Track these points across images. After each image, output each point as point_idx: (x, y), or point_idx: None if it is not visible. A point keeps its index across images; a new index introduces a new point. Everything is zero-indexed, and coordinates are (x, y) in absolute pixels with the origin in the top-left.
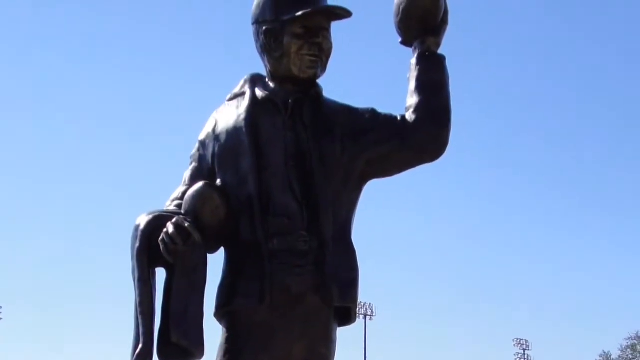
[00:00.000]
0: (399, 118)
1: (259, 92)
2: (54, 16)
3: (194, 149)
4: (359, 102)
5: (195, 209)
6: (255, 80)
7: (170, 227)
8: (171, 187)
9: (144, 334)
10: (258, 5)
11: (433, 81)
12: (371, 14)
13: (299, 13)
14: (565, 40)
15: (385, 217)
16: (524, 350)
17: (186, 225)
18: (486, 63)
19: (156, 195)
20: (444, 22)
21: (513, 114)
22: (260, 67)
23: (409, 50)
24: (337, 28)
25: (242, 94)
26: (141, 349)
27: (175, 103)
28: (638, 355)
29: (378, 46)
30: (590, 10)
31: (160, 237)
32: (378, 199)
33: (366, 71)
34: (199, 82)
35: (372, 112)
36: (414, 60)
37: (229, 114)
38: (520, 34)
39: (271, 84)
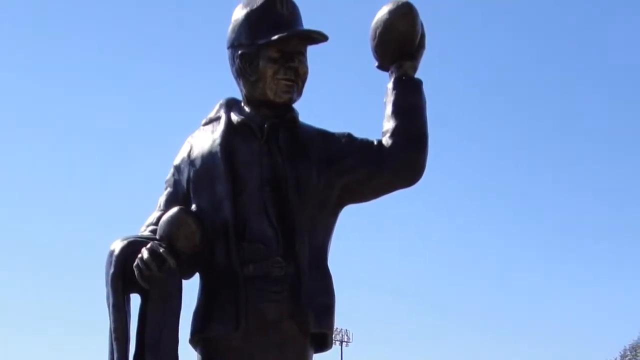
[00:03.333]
0: (375, 143)
1: (235, 117)
2: (23, 37)
3: (169, 174)
4: (335, 126)
5: (170, 235)
6: (231, 105)
7: (144, 253)
8: (146, 213)
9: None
10: (233, 29)
11: (410, 105)
12: (348, 38)
13: (275, 37)
14: (543, 62)
15: (361, 243)
16: None
17: (161, 251)
18: (464, 87)
19: (131, 220)
20: (421, 46)
21: (491, 138)
22: (236, 91)
23: (386, 74)
24: (313, 52)
25: (218, 119)
26: None
27: (150, 127)
28: None
29: (354, 70)
30: (568, 36)
31: (135, 263)
32: (354, 224)
33: (342, 95)
34: (173, 106)
35: (349, 136)
36: (390, 85)
37: (204, 139)
38: (497, 58)
39: (247, 109)
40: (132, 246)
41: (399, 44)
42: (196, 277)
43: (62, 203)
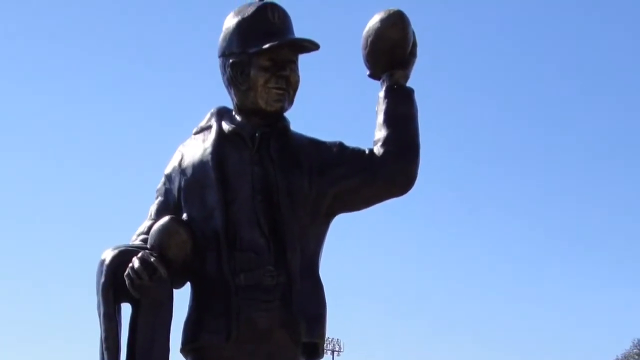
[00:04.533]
0: (367, 152)
1: (226, 126)
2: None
3: (160, 183)
4: (326, 135)
5: (161, 244)
6: (222, 114)
7: (135, 262)
8: (137, 222)
9: None
10: (225, 37)
11: (401, 114)
12: (339, 46)
13: (266, 46)
14: (538, 66)
15: (353, 252)
16: None
17: (152, 260)
18: (455, 96)
19: (121, 229)
20: (412, 54)
21: (483, 146)
22: (227, 100)
23: (378, 83)
24: (304, 60)
25: (209, 128)
26: None
27: (141, 136)
28: None
29: (346, 79)
30: (562, 45)
31: (126, 272)
32: (346, 233)
33: (334, 104)
34: (164, 114)
35: (340, 145)
36: (382, 93)
37: (195, 148)
38: (491, 64)
39: (238, 117)
40: (123, 255)
41: (390, 53)
42: (187, 287)
43: (52, 212)
